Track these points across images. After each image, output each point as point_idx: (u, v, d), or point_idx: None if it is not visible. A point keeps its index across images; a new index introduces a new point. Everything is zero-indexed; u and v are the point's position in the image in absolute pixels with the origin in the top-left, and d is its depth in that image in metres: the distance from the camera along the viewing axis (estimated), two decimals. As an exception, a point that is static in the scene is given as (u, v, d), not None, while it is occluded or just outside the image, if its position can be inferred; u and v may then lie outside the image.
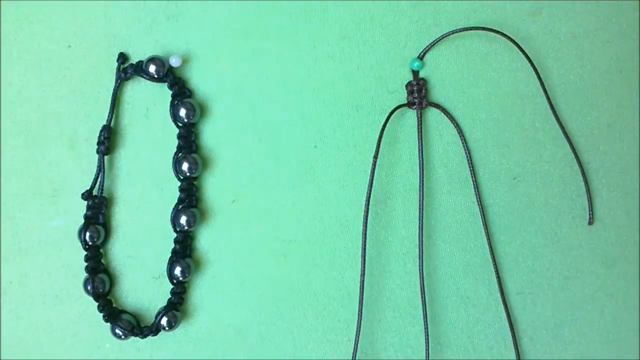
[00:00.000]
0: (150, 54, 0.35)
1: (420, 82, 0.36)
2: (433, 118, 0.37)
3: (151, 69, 0.35)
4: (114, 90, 0.36)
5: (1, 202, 0.36)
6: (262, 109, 0.36)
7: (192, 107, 0.35)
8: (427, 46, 0.36)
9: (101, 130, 0.35)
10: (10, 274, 0.36)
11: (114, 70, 0.36)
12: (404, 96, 0.37)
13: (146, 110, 0.36)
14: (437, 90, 0.37)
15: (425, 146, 0.37)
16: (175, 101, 0.36)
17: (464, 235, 0.37)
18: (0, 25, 0.36)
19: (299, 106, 0.36)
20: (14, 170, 0.36)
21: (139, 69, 0.35)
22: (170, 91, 0.36)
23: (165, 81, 0.35)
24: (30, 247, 0.36)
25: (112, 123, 0.36)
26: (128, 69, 0.35)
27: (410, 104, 0.36)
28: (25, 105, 0.36)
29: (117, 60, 0.36)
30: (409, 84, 0.36)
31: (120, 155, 0.36)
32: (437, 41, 0.36)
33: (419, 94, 0.36)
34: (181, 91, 0.36)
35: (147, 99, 0.36)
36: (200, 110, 0.36)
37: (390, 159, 0.37)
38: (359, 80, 0.37)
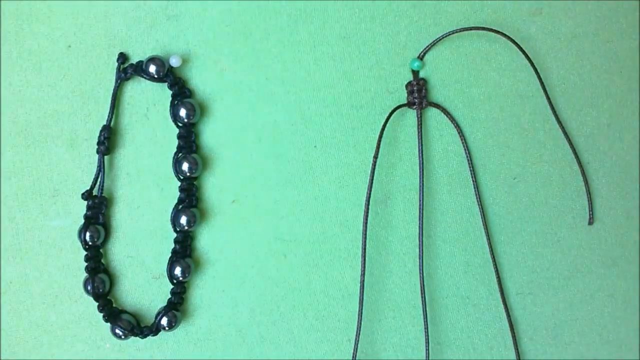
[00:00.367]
0: (150, 54, 0.35)
1: (420, 82, 0.36)
2: (433, 118, 0.37)
3: (151, 69, 0.35)
4: (114, 90, 0.36)
5: (1, 202, 0.36)
6: (262, 109, 0.36)
7: (192, 107, 0.35)
8: (427, 46, 0.36)
9: (101, 130, 0.35)
10: (10, 274, 0.36)
11: (114, 70, 0.36)
12: (404, 96, 0.37)
13: (146, 110, 0.36)
14: (437, 90, 0.37)
15: (425, 146, 0.37)
16: (175, 101, 0.36)
17: (464, 235, 0.37)
18: (0, 25, 0.36)
19: (299, 106, 0.36)
20: (14, 170, 0.36)
21: (139, 69, 0.35)
22: (170, 91, 0.36)
23: (165, 81, 0.35)
24: (30, 247, 0.36)
25: (112, 123, 0.36)
26: (128, 69, 0.35)
27: (410, 104, 0.36)
28: (25, 105, 0.36)
29: (117, 60, 0.36)
30: (409, 84, 0.36)
31: (120, 155, 0.36)
32: (437, 41, 0.36)
33: (419, 94, 0.36)
34: (181, 91, 0.36)
35: (147, 99, 0.36)
36: (200, 110, 0.36)
37: (390, 159, 0.37)
38: (359, 80, 0.37)
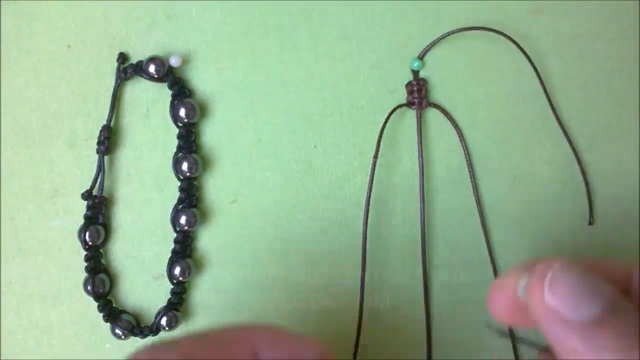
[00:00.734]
0: (150, 54, 0.35)
1: (420, 82, 0.36)
2: (433, 118, 0.37)
3: (151, 69, 0.35)
4: (114, 90, 0.36)
5: (1, 202, 0.36)
6: (262, 109, 0.36)
7: (192, 107, 0.35)
8: (427, 46, 0.36)
9: (101, 130, 0.35)
10: (10, 274, 0.36)
11: (114, 70, 0.36)
12: (404, 96, 0.37)
13: (146, 110, 0.36)
14: (437, 90, 0.37)
15: (425, 146, 0.37)
16: (175, 101, 0.36)
17: (464, 235, 0.37)
18: (0, 25, 0.36)
19: (299, 106, 0.36)
20: (14, 170, 0.36)
21: (139, 69, 0.35)
22: (170, 91, 0.36)
23: (165, 81, 0.35)
24: (30, 247, 0.36)
25: (112, 123, 0.36)
26: (128, 69, 0.35)
27: (410, 104, 0.36)
28: (25, 105, 0.36)
29: (117, 60, 0.36)
30: (409, 84, 0.36)
31: (120, 155, 0.36)
32: (437, 41, 0.36)
33: (419, 94, 0.36)
34: (181, 91, 0.36)
35: (147, 99, 0.36)
36: (200, 110, 0.36)
37: (390, 159, 0.37)
38: (359, 80, 0.37)
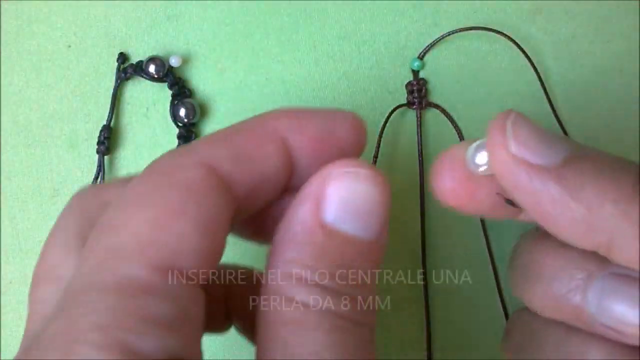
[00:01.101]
0: (150, 54, 0.35)
1: (420, 82, 0.36)
2: (433, 118, 0.37)
3: (151, 69, 0.35)
4: (114, 90, 0.36)
5: (1, 202, 0.36)
6: (262, 109, 0.36)
7: (192, 107, 0.35)
8: (427, 46, 0.36)
9: (101, 130, 0.35)
10: (10, 274, 0.36)
11: (114, 70, 0.36)
12: (404, 96, 0.37)
13: (146, 110, 0.36)
14: (437, 90, 0.37)
15: (425, 146, 0.37)
16: (175, 101, 0.36)
17: (464, 235, 0.37)
18: (0, 25, 0.36)
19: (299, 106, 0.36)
20: (14, 170, 0.36)
21: (139, 69, 0.35)
22: (170, 91, 0.36)
23: (165, 81, 0.36)
24: (30, 247, 0.36)
25: (112, 123, 0.36)
26: (128, 69, 0.35)
27: (410, 104, 0.36)
28: (25, 105, 0.36)
29: (117, 60, 0.36)
30: (409, 84, 0.36)
31: (120, 155, 0.36)
32: (437, 41, 0.36)
33: (419, 94, 0.36)
34: (181, 91, 0.36)
35: (147, 99, 0.36)
36: (200, 110, 0.36)
37: (390, 159, 0.37)
38: (359, 80, 0.37)
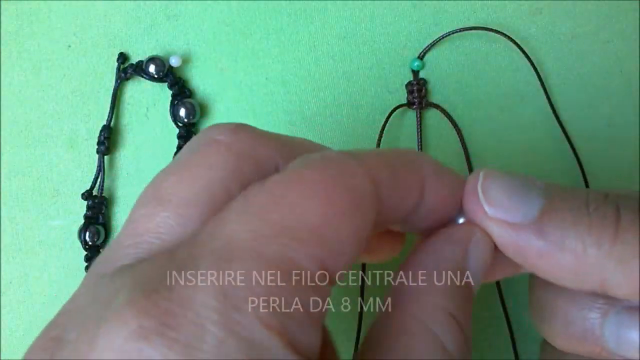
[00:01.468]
0: (150, 54, 0.35)
1: (420, 82, 0.36)
2: (433, 118, 0.37)
3: (151, 69, 0.35)
4: (114, 90, 0.36)
5: (1, 202, 0.36)
6: (262, 109, 0.36)
7: (192, 107, 0.35)
8: (427, 46, 0.36)
9: (101, 130, 0.35)
10: (10, 274, 0.36)
11: (114, 70, 0.36)
12: (404, 96, 0.37)
13: (146, 110, 0.36)
14: (437, 90, 0.37)
15: (425, 146, 0.37)
16: (175, 101, 0.36)
17: (464, 235, 0.37)
18: (0, 25, 0.36)
19: (299, 106, 0.36)
20: (14, 170, 0.36)
21: (139, 69, 0.35)
22: (170, 91, 0.36)
23: (165, 81, 0.36)
24: (30, 247, 0.36)
25: (112, 123, 0.36)
26: (128, 69, 0.35)
27: (410, 104, 0.36)
28: (25, 105, 0.36)
29: (117, 60, 0.36)
30: (409, 83, 0.36)
31: (120, 155, 0.36)
32: (437, 41, 0.36)
33: (419, 94, 0.36)
34: (181, 91, 0.36)
35: (147, 99, 0.36)
36: (200, 110, 0.36)
37: (390, 159, 0.37)
38: (359, 80, 0.37)
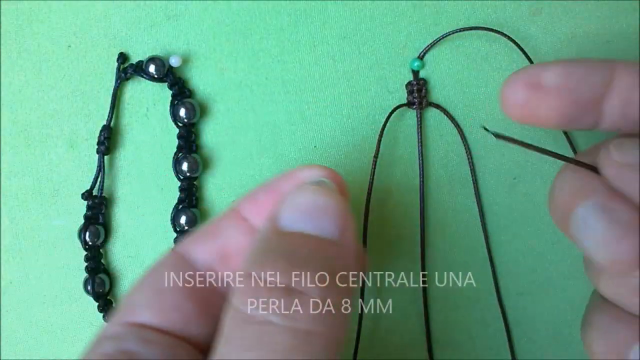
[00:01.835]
0: (150, 54, 0.35)
1: (420, 82, 0.36)
2: (433, 118, 0.37)
3: (151, 69, 0.35)
4: (114, 90, 0.36)
5: (1, 202, 0.36)
6: (262, 109, 0.36)
7: (192, 107, 0.35)
8: (427, 46, 0.36)
9: (101, 130, 0.35)
10: (10, 274, 0.36)
11: (114, 70, 0.36)
12: (404, 96, 0.37)
13: (146, 110, 0.36)
14: (437, 90, 0.37)
15: (425, 146, 0.37)
16: (175, 101, 0.36)
17: (464, 235, 0.37)
18: (0, 25, 0.36)
19: (299, 106, 0.36)
20: (14, 170, 0.36)
21: (139, 69, 0.35)
22: (170, 91, 0.36)
23: (165, 81, 0.36)
24: (30, 247, 0.36)
25: (112, 123, 0.36)
26: (128, 69, 0.35)
27: (410, 104, 0.36)
28: (25, 105, 0.36)
29: (117, 60, 0.36)
30: (409, 83, 0.36)
31: (120, 155, 0.36)
32: (437, 41, 0.36)
33: (419, 94, 0.36)
34: (181, 91, 0.36)
35: (147, 99, 0.36)
36: (200, 110, 0.36)
37: (390, 159, 0.37)
38: (359, 80, 0.37)
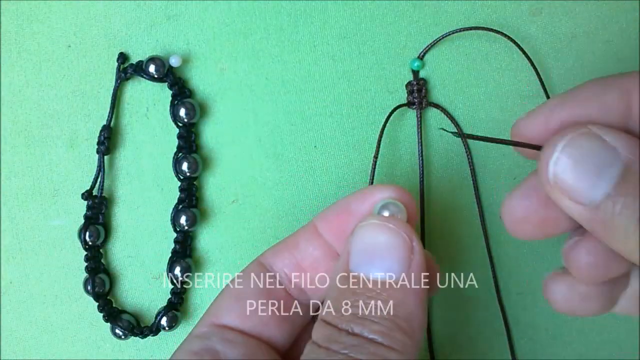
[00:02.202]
0: (150, 54, 0.35)
1: (420, 82, 0.36)
2: (433, 118, 0.37)
3: (151, 69, 0.35)
4: (114, 90, 0.36)
5: (1, 202, 0.36)
6: (262, 109, 0.36)
7: (192, 107, 0.35)
8: (427, 46, 0.36)
9: (101, 130, 0.35)
10: (10, 274, 0.36)
11: (114, 70, 0.36)
12: (404, 96, 0.37)
13: (146, 110, 0.36)
14: (437, 90, 0.37)
15: (425, 146, 0.37)
16: (175, 101, 0.36)
17: (464, 235, 0.37)
18: (0, 25, 0.36)
19: (299, 106, 0.36)
20: (14, 170, 0.36)
21: (139, 69, 0.35)
22: (170, 91, 0.36)
23: (165, 81, 0.35)
24: (30, 247, 0.36)
25: (112, 123, 0.36)
26: (128, 69, 0.35)
27: (410, 104, 0.36)
28: (25, 105, 0.36)
29: (117, 60, 0.36)
30: (409, 83, 0.36)
31: (120, 155, 0.36)
32: (437, 41, 0.36)
33: (419, 94, 0.36)
34: (181, 91, 0.36)
35: (147, 99, 0.36)
36: (200, 110, 0.36)
37: (390, 159, 0.37)
38: (359, 80, 0.37)
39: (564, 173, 0.23)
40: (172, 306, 0.36)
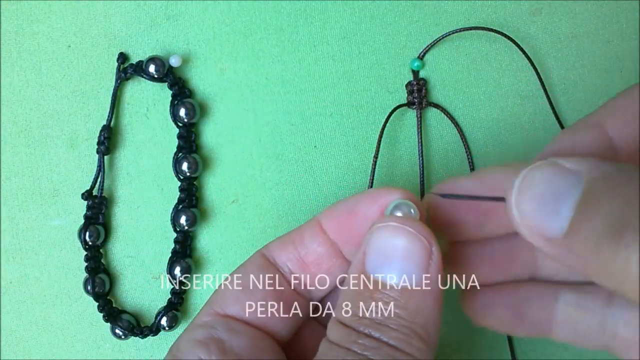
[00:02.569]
0: (150, 54, 0.35)
1: (420, 82, 0.36)
2: (433, 118, 0.37)
3: (151, 69, 0.35)
4: (114, 90, 0.36)
5: (1, 202, 0.36)
6: (262, 109, 0.36)
7: (192, 107, 0.35)
8: (427, 46, 0.36)
9: (101, 130, 0.35)
10: (10, 274, 0.36)
11: (114, 70, 0.36)
12: (404, 96, 0.37)
13: (146, 110, 0.36)
14: (437, 90, 0.37)
15: (425, 146, 0.37)
16: (175, 101, 0.36)
17: (464, 235, 0.37)
18: (0, 25, 0.36)
19: (299, 106, 0.36)
20: (14, 170, 0.36)
21: (139, 69, 0.35)
22: (170, 91, 0.36)
23: (165, 81, 0.35)
24: (30, 247, 0.36)
25: (112, 123, 0.36)
26: (128, 69, 0.35)
27: (410, 104, 0.36)
28: (25, 105, 0.36)
29: (117, 60, 0.36)
30: (409, 83, 0.36)
31: (120, 155, 0.36)
32: (437, 41, 0.36)
33: (419, 94, 0.36)
34: (181, 91, 0.36)
35: (147, 99, 0.36)
36: (200, 110, 0.36)
37: (390, 159, 0.37)
38: (359, 80, 0.37)
39: (526, 210, 0.22)
40: (172, 306, 0.36)
